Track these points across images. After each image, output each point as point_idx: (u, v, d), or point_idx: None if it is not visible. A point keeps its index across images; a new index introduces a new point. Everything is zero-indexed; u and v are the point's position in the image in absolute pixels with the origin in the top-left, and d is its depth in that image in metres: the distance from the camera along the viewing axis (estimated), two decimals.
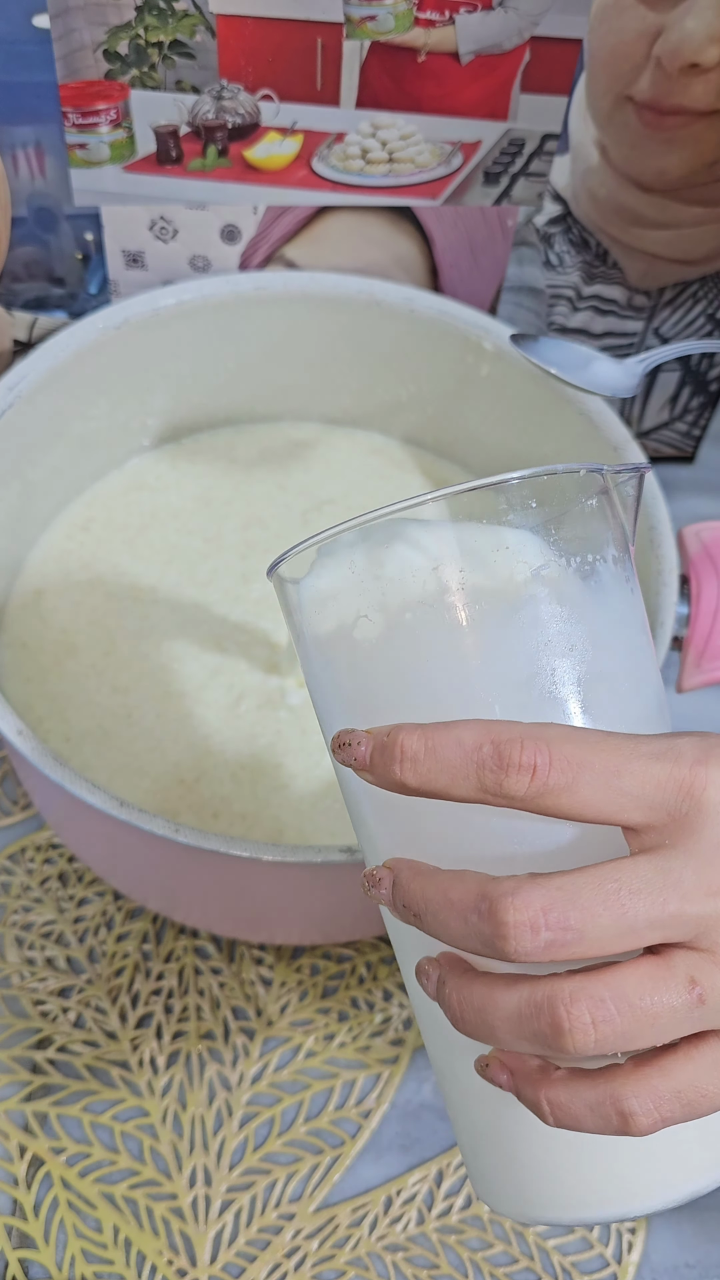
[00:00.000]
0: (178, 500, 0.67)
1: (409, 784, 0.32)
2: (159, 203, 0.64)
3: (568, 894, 0.30)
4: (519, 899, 0.30)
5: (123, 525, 0.66)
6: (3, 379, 0.58)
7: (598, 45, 0.59)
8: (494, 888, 0.30)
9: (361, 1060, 0.58)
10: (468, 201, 0.65)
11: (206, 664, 0.61)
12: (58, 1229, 0.54)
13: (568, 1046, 0.30)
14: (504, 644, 0.34)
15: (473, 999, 0.32)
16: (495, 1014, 0.31)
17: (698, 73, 0.59)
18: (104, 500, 0.67)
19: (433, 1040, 0.37)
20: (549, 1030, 0.30)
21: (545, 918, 0.30)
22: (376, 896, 0.34)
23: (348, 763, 0.33)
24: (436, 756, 0.31)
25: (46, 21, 0.56)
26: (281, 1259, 0.54)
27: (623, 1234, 0.55)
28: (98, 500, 0.67)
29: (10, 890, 0.62)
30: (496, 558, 0.34)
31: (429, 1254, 0.54)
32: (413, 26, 0.58)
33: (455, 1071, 0.36)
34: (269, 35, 0.57)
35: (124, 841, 0.52)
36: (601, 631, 0.34)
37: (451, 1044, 0.35)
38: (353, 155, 0.62)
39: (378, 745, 0.32)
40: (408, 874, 0.33)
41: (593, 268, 0.69)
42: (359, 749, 0.33)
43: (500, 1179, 0.36)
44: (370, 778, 0.33)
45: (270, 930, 0.58)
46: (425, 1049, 0.39)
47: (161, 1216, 0.54)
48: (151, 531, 0.66)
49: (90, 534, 0.65)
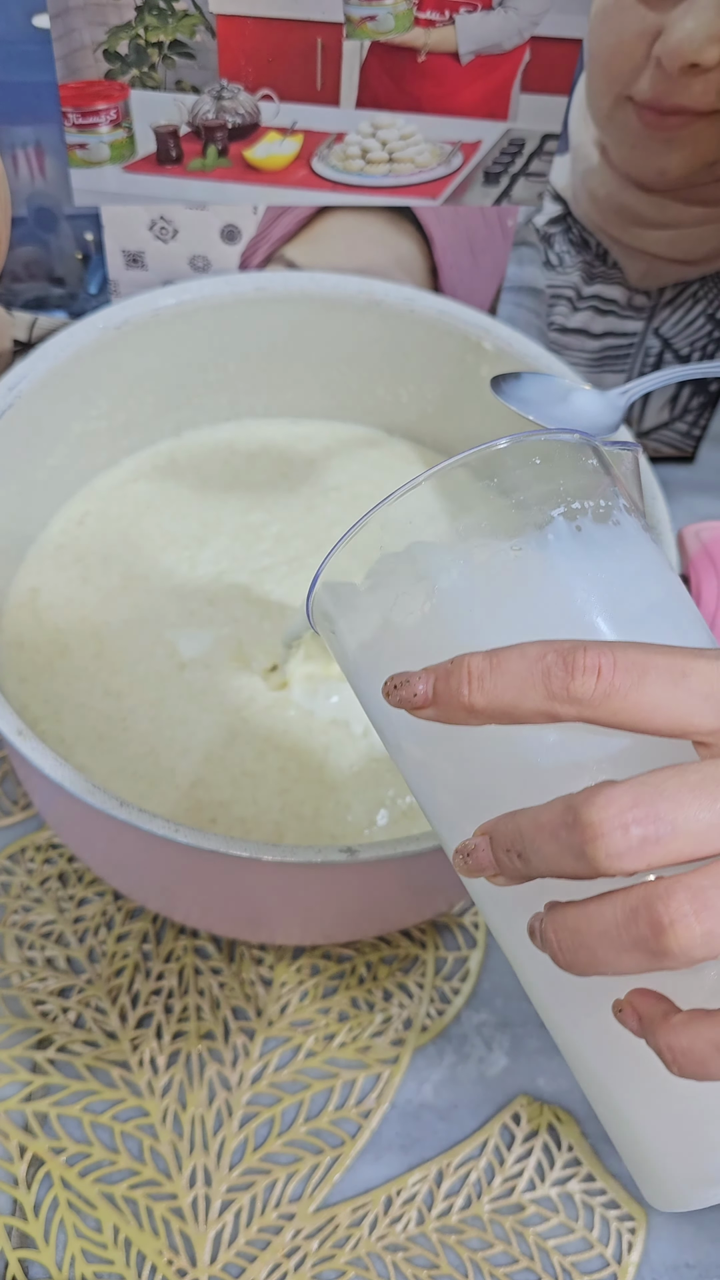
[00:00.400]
0: (175, 490, 0.67)
1: (477, 704, 0.32)
2: (159, 203, 0.64)
3: (653, 788, 0.29)
4: (603, 797, 0.29)
5: (118, 518, 0.66)
6: (3, 379, 0.58)
7: (598, 45, 0.59)
8: (578, 796, 0.30)
9: (361, 1060, 0.58)
10: (468, 201, 0.65)
11: (203, 665, 0.61)
12: (58, 1229, 0.54)
13: (672, 945, 0.28)
14: (543, 588, 0.34)
15: (568, 922, 0.31)
16: (592, 931, 0.30)
17: (698, 72, 0.59)
18: (101, 495, 0.67)
19: (570, 1028, 0.35)
20: (650, 931, 0.29)
21: (633, 812, 0.29)
22: (476, 865, 0.33)
23: (404, 702, 0.33)
24: (503, 670, 0.31)
25: (46, 21, 0.56)
26: (281, 1259, 0.54)
27: (622, 1234, 0.55)
28: (95, 495, 0.67)
29: (10, 890, 0.62)
30: (514, 514, 0.35)
31: (429, 1254, 0.54)
32: (413, 26, 0.58)
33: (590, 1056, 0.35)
34: (269, 35, 0.57)
35: (124, 842, 0.52)
36: (634, 570, 0.35)
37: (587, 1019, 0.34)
38: (353, 155, 0.62)
39: (441, 675, 0.32)
40: (501, 822, 0.32)
41: (593, 268, 0.69)
42: (417, 685, 0.33)
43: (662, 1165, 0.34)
44: (432, 713, 0.33)
45: (270, 930, 0.58)
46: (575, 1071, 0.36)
47: (161, 1216, 0.54)
48: (149, 524, 0.65)
49: (85, 528, 0.65)
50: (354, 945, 0.61)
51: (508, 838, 0.32)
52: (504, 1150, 0.56)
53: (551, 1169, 0.56)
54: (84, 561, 0.64)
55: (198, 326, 0.64)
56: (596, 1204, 0.55)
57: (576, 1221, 0.55)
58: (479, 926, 0.62)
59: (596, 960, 0.30)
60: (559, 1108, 0.57)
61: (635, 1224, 0.55)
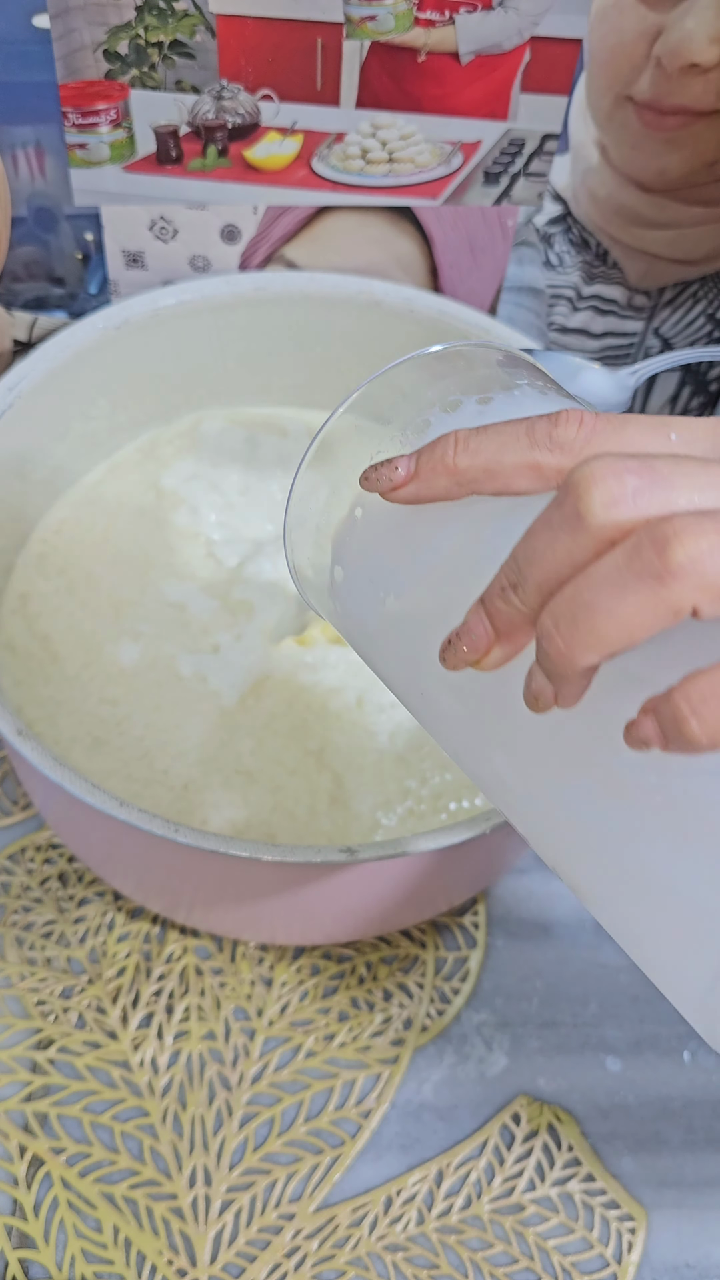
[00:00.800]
0: (169, 484, 0.67)
1: (460, 464, 0.32)
2: (159, 203, 0.64)
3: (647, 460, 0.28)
4: (596, 460, 0.28)
5: (114, 516, 0.65)
6: (3, 379, 0.58)
7: (598, 45, 0.59)
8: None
9: (361, 1060, 0.58)
10: (468, 201, 0.65)
11: (196, 668, 0.61)
12: (58, 1229, 0.54)
13: (679, 555, 0.26)
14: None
15: (567, 592, 0.28)
16: (592, 583, 0.27)
17: (697, 72, 0.59)
18: (97, 496, 0.67)
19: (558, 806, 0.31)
20: (654, 552, 0.26)
21: (628, 463, 0.27)
22: (471, 641, 0.31)
23: (384, 480, 0.33)
24: (487, 433, 0.32)
25: (47, 21, 0.56)
26: (281, 1259, 0.54)
27: (622, 1234, 0.55)
28: (93, 495, 0.67)
29: (10, 890, 0.62)
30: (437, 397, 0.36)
31: (429, 1254, 0.54)
32: (413, 26, 0.58)
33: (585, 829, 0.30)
34: (269, 35, 0.58)
35: (124, 842, 0.52)
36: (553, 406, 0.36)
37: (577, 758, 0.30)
38: (353, 155, 0.62)
39: (425, 450, 0.33)
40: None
41: (593, 268, 0.69)
42: (398, 464, 0.33)
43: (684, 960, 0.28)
44: (411, 490, 0.33)
45: (270, 931, 0.58)
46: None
47: (161, 1216, 0.54)
48: (147, 521, 0.65)
49: (81, 529, 0.65)
50: (354, 945, 0.61)
51: (502, 578, 0.30)
52: (504, 1150, 0.56)
53: (551, 1169, 0.56)
54: (69, 570, 0.64)
55: (198, 327, 0.64)
56: (596, 1204, 0.55)
57: (576, 1221, 0.55)
58: (479, 927, 0.62)
59: (596, 623, 0.27)
60: (559, 1108, 0.57)
61: (635, 1224, 0.55)
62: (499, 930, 0.62)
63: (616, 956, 0.62)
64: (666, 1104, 0.58)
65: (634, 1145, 0.57)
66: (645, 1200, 0.56)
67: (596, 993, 0.61)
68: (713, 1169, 0.57)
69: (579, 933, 0.62)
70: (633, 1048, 0.59)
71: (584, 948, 0.62)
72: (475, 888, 0.60)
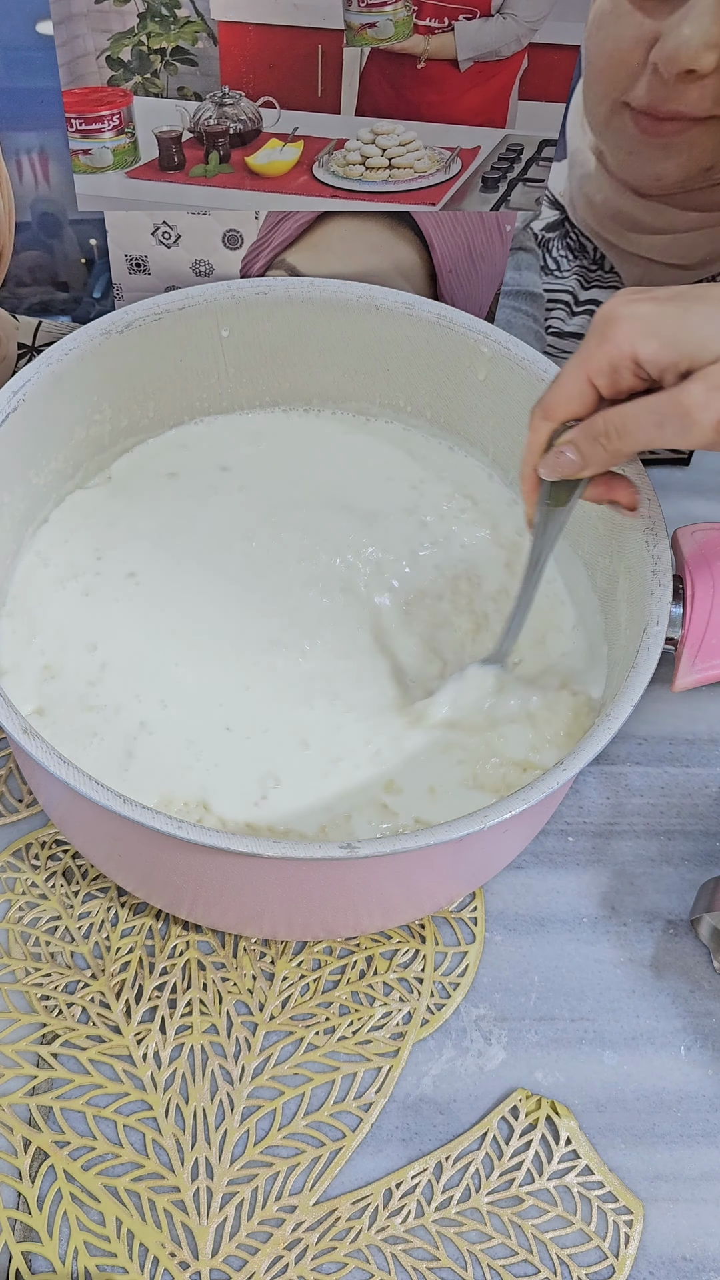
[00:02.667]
0: (171, 484, 0.67)
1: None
2: (162, 208, 0.64)
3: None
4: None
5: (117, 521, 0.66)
6: (7, 384, 0.59)
7: (595, 52, 0.60)
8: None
9: (362, 1054, 0.59)
10: (466, 207, 0.65)
11: (198, 674, 0.61)
12: (61, 1222, 0.55)
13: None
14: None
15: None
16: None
17: (694, 79, 0.59)
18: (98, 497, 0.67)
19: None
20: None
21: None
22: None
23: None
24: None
25: (50, 28, 0.56)
26: (282, 1251, 0.54)
27: (620, 1227, 0.55)
28: (94, 496, 0.67)
29: (15, 887, 0.63)
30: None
31: (428, 1246, 0.55)
32: (412, 34, 0.58)
33: None
34: (270, 42, 0.58)
35: (127, 839, 0.53)
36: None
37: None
38: (353, 161, 0.63)
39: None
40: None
41: (590, 272, 0.70)
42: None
43: None
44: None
45: (272, 926, 0.58)
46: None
47: (164, 1209, 0.55)
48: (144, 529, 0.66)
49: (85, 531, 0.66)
50: (355, 941, 0.62)
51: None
52: (502, 1143, 0.57)
53: (549, 1162, 0.57)
54: (78, 565, 0.64)
55: (200, 331, 0.65)
56: (594, 1197, 0.56)
57: (574, 1214, 0.55)
58: (477, 922, 0.63)
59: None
60: (557, 1101, 0.58)
61: (632, 1217, 0.56)
62: (497, 925, 0.63)
63: (613, 951, 0.62)
64: (663, 1098, 0.59)
65: (631, 1139, 0.58)
66: (642, 1193, 0.56)
67: (593, 987, 0.61)
68: (709, 1162, 0.57)
69: (576, 928, 0.63)
70: (629, 1042, 0.60)
71: (581, 943, 0.63)
72: (474, 883, 0.61)
